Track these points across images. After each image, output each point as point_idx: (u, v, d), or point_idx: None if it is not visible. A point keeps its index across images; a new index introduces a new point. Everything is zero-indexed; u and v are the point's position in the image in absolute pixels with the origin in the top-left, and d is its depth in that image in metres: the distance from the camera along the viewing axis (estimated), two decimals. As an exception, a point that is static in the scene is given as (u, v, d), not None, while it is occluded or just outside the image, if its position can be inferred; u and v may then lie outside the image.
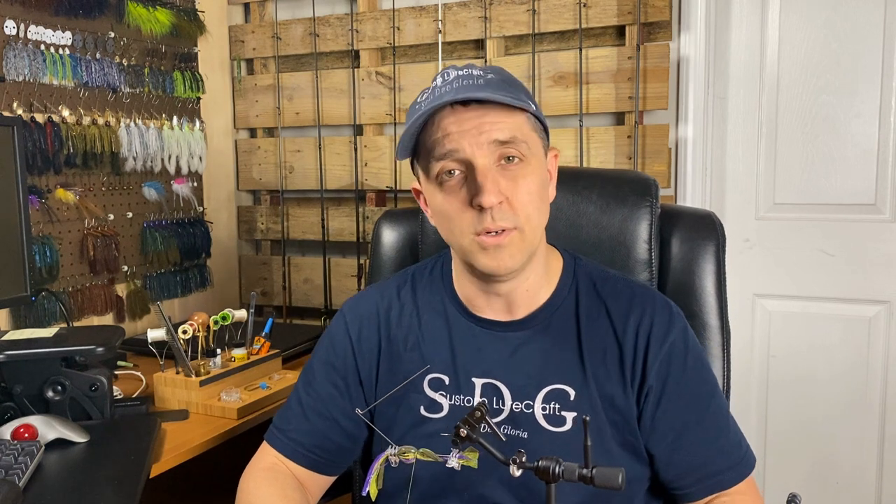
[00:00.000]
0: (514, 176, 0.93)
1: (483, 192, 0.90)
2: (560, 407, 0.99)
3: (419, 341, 1.06)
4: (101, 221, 1.94)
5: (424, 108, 0.93)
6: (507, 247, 0.93)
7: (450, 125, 0.92)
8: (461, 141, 0.92)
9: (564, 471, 0.75)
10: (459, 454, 1.00)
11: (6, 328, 1.71)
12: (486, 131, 0.92)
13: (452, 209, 0.94)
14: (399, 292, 1.10)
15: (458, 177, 0.94)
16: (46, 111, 1.79)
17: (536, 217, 0.95)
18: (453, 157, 0.93)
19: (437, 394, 1.03)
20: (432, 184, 0.96)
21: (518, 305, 1.02)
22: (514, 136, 0.93)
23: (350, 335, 1.09)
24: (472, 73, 0.95)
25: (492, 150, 0.92)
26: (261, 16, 2.39)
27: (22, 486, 1.06)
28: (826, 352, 1.98)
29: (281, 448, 1.08)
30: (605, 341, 1.00)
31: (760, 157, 1.99)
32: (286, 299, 2.40)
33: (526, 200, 0.93)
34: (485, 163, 0.92)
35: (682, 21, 1.92)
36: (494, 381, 1.01)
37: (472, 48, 2.15)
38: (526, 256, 0.96)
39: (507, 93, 0.93)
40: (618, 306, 1.02)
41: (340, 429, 1.07)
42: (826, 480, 2.00)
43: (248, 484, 1.06)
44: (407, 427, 1.04)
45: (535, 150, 0.96)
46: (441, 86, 0.95)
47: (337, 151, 2.30)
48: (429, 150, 0.95)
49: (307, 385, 1.10)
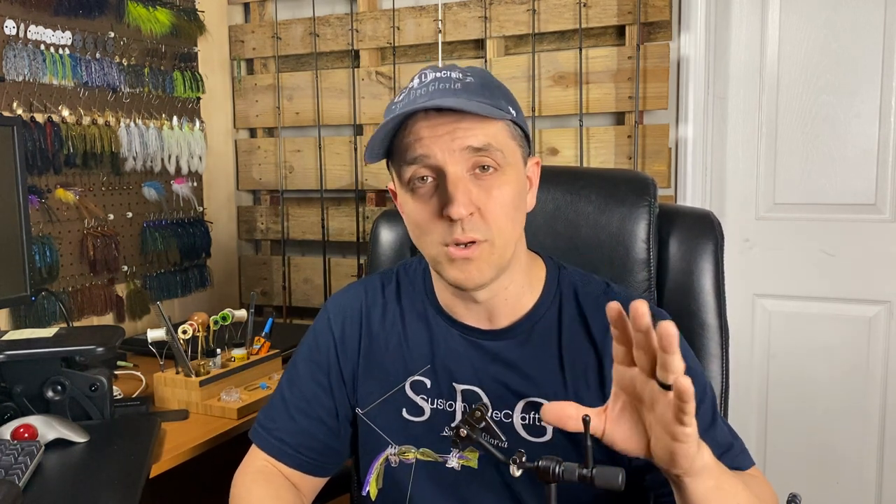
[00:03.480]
0: (488, 186, 0.90)
1: (453, 202, 0.87)
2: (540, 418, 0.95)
3: (401, 342, 1.04)
4: (101, 221, 1.94)
5: (398, 111, 0.90)
6: (475, 260, 0.90)
7: (422, 129, 0.89)
8: (433, 147, 0.89)
9: (564, 471, 0.75)
10: (459, 454, 1.00)
11: (6, 328, 1.71)
12: (460, 138, 0.88)
13: (422, 218, 0.92)
14: (384, 290, 1.08)
15: (429, 184, 0.91)
16: (46, 111, 1.79)
17: (509, 229, 0.92)
18: (424, 163, 0.90)
19: (419, 397, 1.02)
20: (404, 189, 0.94)
21: (498, 314, 0.99)
22: (489, 144, 0.89)
23: (333, 332, 1.08)
24: (450, 75, 0.92)
25: (465, 157, 0.89)
26: (261, 16, 2.39)
27: (22, 486, 1.06)
28: (826, 352, 1.98)
29: (268, 449, 1.07)
30: (587, 356, 0.98)
31: (760, 157, 1.99)
32: (286, 299, 2.40)
33: (499, 212, 0.90)
34: (456, 171, 0.89)
35: (682, 21, 1.92)
36: (475, 388, 1.00)
37: (472, 48, 2.15)
38: (495, 270, 0.92)
39: (484, 98, 0.90)
40: (597, 320, 0.98)
41: (326, 428, 1.06)
42: (826, 480, 2.00)
43: (240, 486, 1.05)
44: (389, 430, 1.03)
45: (512, 158, 0.92)
46: (417, 87, 0.92)
47: (337, 151, 2.30)
48: (401, 153, 0.92)
49: (291, 383, 1.09)
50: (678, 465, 0.74)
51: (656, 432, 0.74)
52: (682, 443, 0.71)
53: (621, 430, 0.77)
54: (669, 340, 0.66)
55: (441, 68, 0.94)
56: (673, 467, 0.75)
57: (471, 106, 0.87)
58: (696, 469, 0.75)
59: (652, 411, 0.73)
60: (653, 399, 0.72)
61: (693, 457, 0.73)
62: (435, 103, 0.88)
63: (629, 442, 0.77)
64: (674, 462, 0.74)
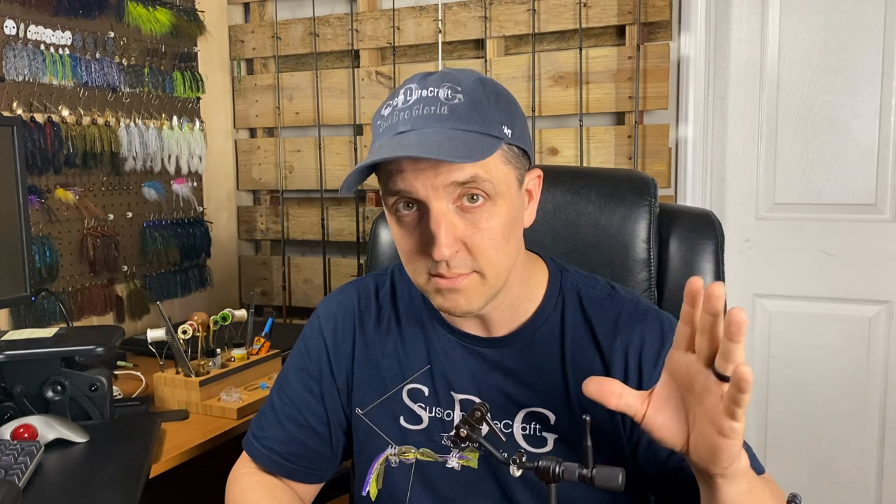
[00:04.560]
0: (476, 219, 0.84)
1: (436, 243, 0.82)
2: (541, 428, 0.95)
3: (397, 348, 1.01)
4: (101, 221, 1.94)
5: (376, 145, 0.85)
6: (463, 291, 0.86)
7: (403, 162, 0.82)
8: (414, 182, 0.82)
9: (564, 471, 0.75)
10: (459, 454, 0.99)
11: (6, 328, 1.71)
12: (444, 173, 0.81)
13: (407, 248, 0.87)
14: (378, 293, 1.05)
15: (413, 213, 0.85)
16: (46, 111, 1.79)
17: (501, 260, 0.87)
18: (405, 197, 0.84)
19: (417, 405, 0.99)
20: (389, 212, 0.88)
21: (496, 325, 0.96)
22: (476, 175, 0.82)
23: (325, 339, 1.04)
24: (437, 94, 0.84)
25: (449, 192, 0.82)
26: (261, 15, 2.39)
27: (22, 486, 1.06)
28: (826, 352, 1.98)
29: (257, 458, 1.05)
30: (592, 363, 0.94)
31: (760, 157, 1.99)
32: (286, 299, 2.40)
33: (487, 245, 0.84)
34: (439, 207, 0.82)
35: (682, 21, 1.92)
36: (473, 397, 0.97)
37: (472, 48, 2.15)
38: (485, 299, 0.88)
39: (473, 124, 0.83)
40: (603, 328, 0.95)
41: (316, 435, 1.04)
42: (826, 480, 2.00)
43: (235, 489, 1.04)
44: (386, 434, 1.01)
45: (503, 186, 0.85)
46: (401, 108, 0.85)
47: (337, 151, 2.30)
48: (384, 178, 0.86)
49: (281, 391, 1.06)
50: (719, 463, 0.70)
51: (700, 427, 0.70)
52: (729, 439, 0.68)
53: (662, 417, 0.73)
54: (739, 328, 0.63)
55: (429, 81, 0.86)
56: (713, 466, 0.71)
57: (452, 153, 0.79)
58: (735, 471, 0.72)
59: (700, 403, 0.70)
60: (705, 390, 0.68)
61: (735, 456, 0.70)
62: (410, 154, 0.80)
63: (668, 431, 0.73)
64: (715, 460, 0.70)
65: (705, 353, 0.68)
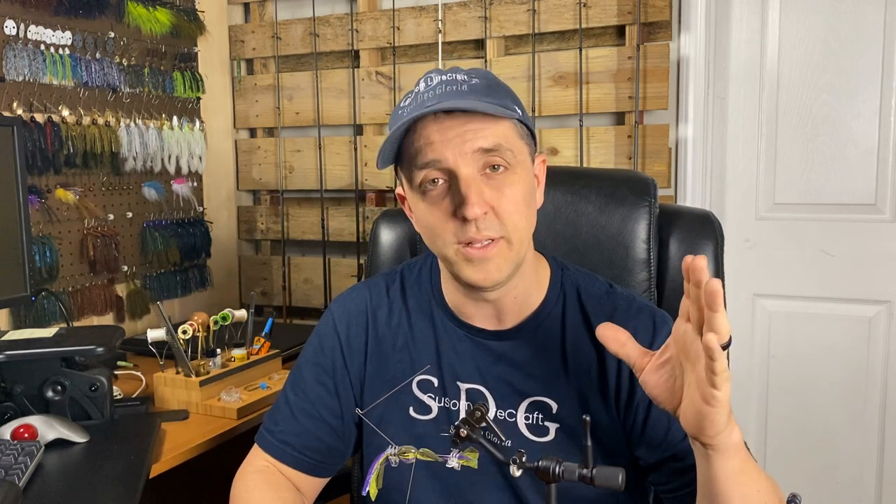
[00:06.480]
0: (500, 185, 0.91)
1: (467, 203, 0.88)
2: (543, 417, 0.98)
3: (408, 342, 1.05)
4: (101, 221, 1.94)
5: (406, 116, 0.90)
6: (493, 258, 0.91)
7: (432, 133, 0.90)
8: (444, 151, 0.89)
9: (564, 471, 0.75)
10: (459, 454, 1.00)
11: (6, 328, 1.71)
12: (470, 140, 0.89)
13: (436, 219, 0.92)
14: (388, 291, 1.09)
15: (441, 186, 0.91)
16: (46, 111, 1.79)
17: (523, 226, 0.93)
18: (436, 167, 0.90)
19: (426, 396, 1.03)
20: (415, 192, 0.94)
21: (506, 314, 1.00)
22: (499, 144, 0.90)
23: (339, 333, 1.08)
24: (455, 77, 0.93)
25: (476, 158, 0.90)
26: (261, 16, 2.39)
27: (22, 486, 1.06)
28: (826, 352, 1.98)
29: (271, 450, 1.07)
30: (589, 357, 0.99)
31: (760, 157, 1.99)
32: (286, 299, 2.40)
33: (512, 209, 0.91)
34: (468, 172, 0.89)
35: (682, 21, 1.92)
36: (479, 386, 1.01)
37: (472, 48, 2.15)
38: (513, 267, 0.93)
39: (492, 99, 0.91)
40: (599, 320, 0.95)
41: (330, 429, 1.06)
42: (826, 480, 2.00)
43: (240, 487, 1.05)
44: (396, 428, 1.03)
45: (521, 157, 0.93)
46: (424, 91, 0.93)
47: (337, 151, 2.30)
48: (411, 158, 0.92)
49: (295, 385, 1.09)
50: (705, 431, 0.75)
51: (690, 393, 0.75)
52: (712, 406, 0.72)
53: (657, 376, 0.79)
54: (713, 297, 0.68)
55: (446, 71, 0.95)
56: (700, 434, 0.76)
57: (481, 106, 0.88)
58: (725, 444, 0.76)
59: (693, 370, 0.75)
60: (697, 357, 0.73)
61: (720, 425, 0.74)
62: (445, 105, 0.88)
63: (660, 390, 0.79)
64: (701, 428, 0.75)
65: (696, 322, 0.73)
